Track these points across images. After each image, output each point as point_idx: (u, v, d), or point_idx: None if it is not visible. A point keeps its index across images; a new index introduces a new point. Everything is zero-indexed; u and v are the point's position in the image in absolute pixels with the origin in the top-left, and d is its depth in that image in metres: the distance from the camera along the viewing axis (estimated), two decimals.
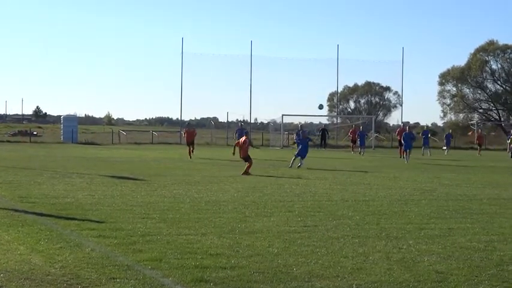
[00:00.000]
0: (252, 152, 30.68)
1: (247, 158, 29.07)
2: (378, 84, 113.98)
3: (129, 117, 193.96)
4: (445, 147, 59.21)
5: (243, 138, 30.40)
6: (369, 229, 13.53)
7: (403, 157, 42.41)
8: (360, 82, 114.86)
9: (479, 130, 67.94)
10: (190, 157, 39.47)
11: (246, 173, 28.05)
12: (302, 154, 32.96)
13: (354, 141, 56.69)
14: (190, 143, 40.89)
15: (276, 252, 10.90)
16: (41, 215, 14.63)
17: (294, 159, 33.02)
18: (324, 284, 8.91)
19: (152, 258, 10.16)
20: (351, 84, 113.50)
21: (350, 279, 9.16)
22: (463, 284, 9.07)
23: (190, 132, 41.81)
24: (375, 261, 10.38)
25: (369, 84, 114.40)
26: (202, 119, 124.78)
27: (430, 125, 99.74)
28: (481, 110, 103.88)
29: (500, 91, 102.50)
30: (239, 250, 11.03)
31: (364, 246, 11.62)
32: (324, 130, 68.72)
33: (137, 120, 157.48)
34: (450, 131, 67.68)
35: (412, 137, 41.19)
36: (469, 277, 9.45)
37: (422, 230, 13.57)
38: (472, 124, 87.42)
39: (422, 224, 14.34)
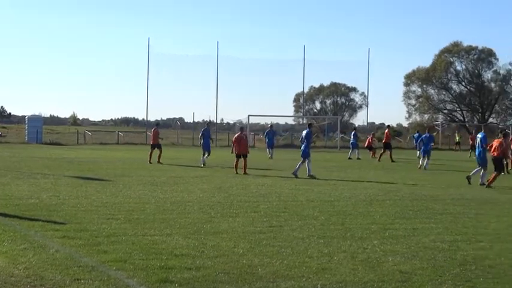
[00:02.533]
0: (217, 153, 30.66)
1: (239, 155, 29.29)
2: (344, 84, 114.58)
3: (95, 117, 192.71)
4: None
5: (238, 134, 30.89)
6: (334, 229, 13.58)
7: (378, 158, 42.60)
8: (326, 83, 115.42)
9: (474, 132, 67.94)
10: (158, 161, 35.96)
11: (245, 172, 28.74)
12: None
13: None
14: (155, 145, 37.26)
15: (241, 253, 10.91)
16: (5, 215, 14.51)
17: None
18: (289, 284, 8.93)
19: (117, 259, 10.13)
20: (317, 85, 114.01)
21: (315, 280, 9.19)
22: (427, 283, 9.15)
23: (154, 133, 38.22)
24: (340, 261, 10.42)
25: (335, 85, 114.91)
26: (168, 119, 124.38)
27: (395, 126, 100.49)
28: (445, 111, 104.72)
29: (464, 92, 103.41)
30: (204, 251, 11.03)
31: (329, 247, 11.66)
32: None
33: (103, 120, 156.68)
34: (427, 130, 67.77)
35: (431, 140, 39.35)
36: (433, 277, 9.53)
37: (386, 230, 13.65)
38: (436, 125, 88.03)
39: (387, 224, 14.43)
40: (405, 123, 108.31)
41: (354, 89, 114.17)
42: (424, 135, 38.48)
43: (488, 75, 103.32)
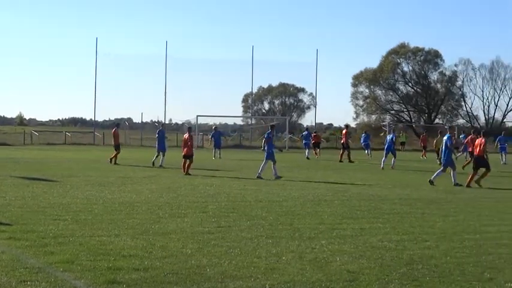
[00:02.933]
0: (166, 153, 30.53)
1: (187, 156, 29.22)
2: (293, 85, 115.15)
3: (42, 117, 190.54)
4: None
5: (186, 135, 30.66)
6: (282, 229, 13.63)
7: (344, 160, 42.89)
8: (275, 83, 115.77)
9: (424, 132, 68.44)
10: (111, 161, 35.51)
11: (187, 173, 28.64)
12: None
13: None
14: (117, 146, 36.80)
15: (189, 253, 10.90)
16: None
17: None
18: (237, 285, 8.95)
19: (64, 260, 10.05)
20: (265, 85, 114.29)
21: (263, 280, 9.22)
22: (374, 283, 9.23)
23: (115, 134, 37.67)
24: (288, 262, 10.47)
25: (283, 86, 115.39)
26: (117, 119, 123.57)
27: (343, 126, 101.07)
28: (392, 112, 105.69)
29: (411, 93, 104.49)
30: (152, 251, 10.99)
31: (277, 247, 11.70)
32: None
33: (50, 120, 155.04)
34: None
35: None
36: (380, 276, 9.62)
37: (334, 230, 13.74)
38: (383, 125, 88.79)
39: (335, 224, 14.52)
40: (353, 124, 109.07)
41: (302, 90, 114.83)
42: (390, 136, 39.19)
43: (435, 76, 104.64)
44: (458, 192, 22.77)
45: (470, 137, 38.04)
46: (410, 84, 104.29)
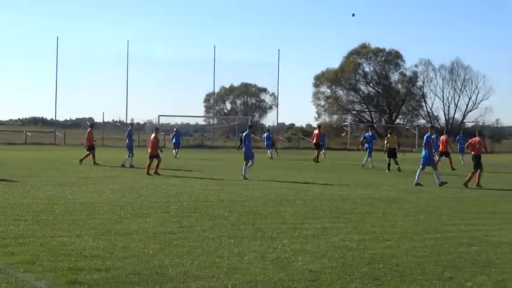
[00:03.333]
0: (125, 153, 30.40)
1: (153, 156, 29.14)
2: (255, 85, 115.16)
3: (2, 117, 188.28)
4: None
5: (153, 135, 30.57)
6: (244, 229, 13.65)
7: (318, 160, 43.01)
8: (237, 83, 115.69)
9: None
10: (95, 162, 35.00)
11: (156, 172, 28.56)
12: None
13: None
14: (91, 147, 36.50)
15: (151, 254, 10.87)
16: None
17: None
18: (199, 285, 8.94)
19: (25, 261, 9.97)
20: (227, 85, 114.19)
21: (225, 280, 9.23)
22: (336, 282, 9.27)
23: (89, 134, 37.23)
24: (250, 261, 10.48)
25: (245, 86, 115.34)
26: (78, 119, 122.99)
27: (304, 126, 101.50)
28: (354, 112, 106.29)
29: (372, 93, 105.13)
30: (114, 252, 10.95)
31: (239, 247, 11.71)
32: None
33: (10, 120, 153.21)
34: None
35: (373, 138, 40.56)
36: (342, 275, 9.67)
37: (296, 229, 13.78)
38: (345, 125, 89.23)
39: (297, 224, 14.56)
40: (314, 124, 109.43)
41: (264, 90, 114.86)
42: (367, 134, 39.61)
43: (395, 77, 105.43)
44: (419, 192, 22.93)
45: (443, 137, 38.91)
46: (371, 84, 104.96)
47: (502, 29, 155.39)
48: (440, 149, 38.05)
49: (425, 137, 27.47)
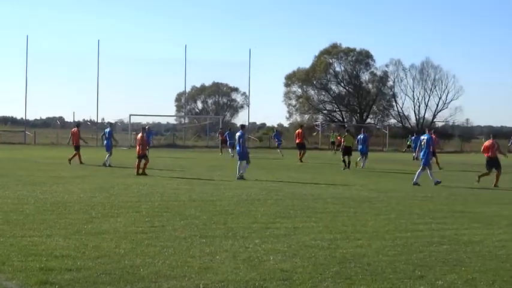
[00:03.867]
0: (97, 152, 30.26)
1: (141, 156, 29.13)
2: (226, 84, 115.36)
3: None
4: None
5: (140, 135, 30.46)
6: (216, 229, 13.64)
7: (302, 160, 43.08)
8: (208, 82, 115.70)
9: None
10: (70, 162, 35.07)
11: (144, 172, 28.47)
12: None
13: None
14: (78, 146, 36.98)
15: (122, 253, 10.84)
16: None
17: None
18: (171, 284, 8.93)
19: None
20: (198, 85, 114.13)
21: (197, 279, 9.22)
22: (307, 281, 9.29)
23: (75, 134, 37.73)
24: (222, 261, 10.48)
25: (216, 85, 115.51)
26: (48, 118, 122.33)
27: (276, 126, 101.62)
28: (325, 111, 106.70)
29: (343, 93, 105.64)
30: (85, 251, 10.90)
31: (211, 246, 11.71)
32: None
33: None
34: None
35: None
36: (314, 275, 9.69)
37: (268, 229, 13.79)
38: (316, 125, 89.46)
39: (268, 224, 14.57)
40: (286, 123, 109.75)
41: (236, 89, 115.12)
42: (360, 136, 39.90)
43: (366, 77, 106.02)
44: (390, 191, 23.04)
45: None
46: (342, 84, 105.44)
47: (472, 29, 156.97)
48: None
49: (426, 138, 27.41)
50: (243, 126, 30.77)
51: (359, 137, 40.17)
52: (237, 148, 29.16)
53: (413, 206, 18.89)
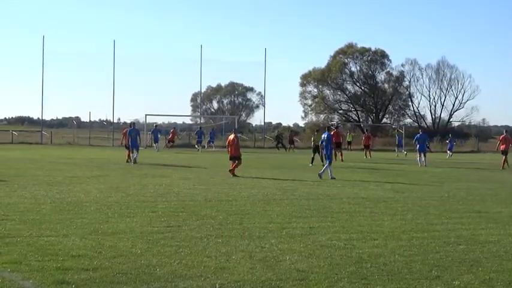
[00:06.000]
0: (114, 152, 30.28)
1: (237, 157, 29.21)
2: (241, 84, 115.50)
3: None
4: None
5: (232, 136, 30.29)
6: (232, 229, 13.64)
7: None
8: (224, 82, 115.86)
9: (367, 131, 69.80)
10: (128, 161, 37.26)
11: (233, 172, 28.50)
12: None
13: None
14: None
15: (139, 253, 10.86)
16: None
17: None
18: (187, 284, 8.94)
19: (12, 261, 9.94)
20: (214, 85, 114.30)
21: (213, 279, 9.22)
22: (323, 281, 9.28)
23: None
24: (238, 261, 10.48)
25: (232, 85, 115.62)
26: (64, 118, 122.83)
27: (292, 126, 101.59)
28: (341, 111, 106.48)
29: (359, 93, 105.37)
30: (102, 251, 10.93)
31: (227, 246, 11.71)
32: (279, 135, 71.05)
33: None
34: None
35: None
36: (329, 275, 9.67)
37: (284, 229, 13.78)
38: (332, 125, 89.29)
39: (284, 223, 14.56)
40: (301, 123, 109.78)
41: (251, 89, 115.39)
42: (418, 135, 42.12)
43: (382, 76, 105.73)
44: (406, 191, 22.95)
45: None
46: (358, 84, 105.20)
47: (488, 28, 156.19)
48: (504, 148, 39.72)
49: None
50: (329, 127, 31.51)
51: (417, 136, 41.53)
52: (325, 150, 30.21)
53: (429, 206, 18.82)
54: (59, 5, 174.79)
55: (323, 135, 29.88)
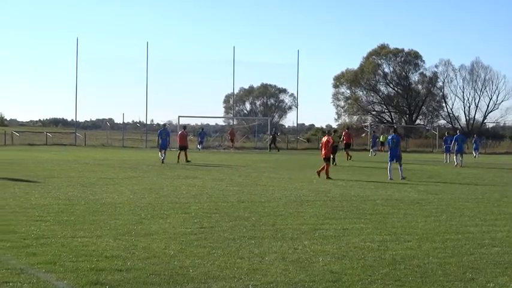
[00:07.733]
0: (147, 154, 30.41)
1: (328, 159, 29.52)
2: (274, 86, 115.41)
3: (23, 118, 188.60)
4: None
5: (326, 138, 30.53)
6: (264, 230, 13.63)
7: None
8: (256, 84, 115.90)
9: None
10: (186, 160, 39.31)
11: (319, 174, 28.98)
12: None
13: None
14: (182, 148, 40.48)
15: (172, 254, 10.88)
16: None
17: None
18: (220, 285, 8.94)
19: (46, 261, 10.01)
20: (246, 86, 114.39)
21: (246, 280, 9.22)
22: (356, 283, 9.24)
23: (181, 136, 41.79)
24: (271, 262, 10.47)
25: (265, 86, 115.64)
26: (98, 120, 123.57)
27: (324, 127, 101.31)
28: (374, 112, 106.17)
29: (392, 94, 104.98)
30: (135, 252, 10.97)
31: (260, 247, 11.70)
32: (274, 133, 70.74)
33: (31, 121, 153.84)
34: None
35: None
36: (363, 276, 9.63)
37: (317, 230, 13.75)
38: (365, 126, 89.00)
39: (317, 225, 14.53)
40: (334, 125, 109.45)
41: (284, 91, 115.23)
42: (457, 136, 42.95)
43: (415, 77, 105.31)
44: (440, 193, 22.81)
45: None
46: (391, 85, 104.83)
47: None
48: None
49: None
50: (395, 129, 31.72)
51: (455, 137, 42.04)
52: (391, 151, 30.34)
53: (463, 207, 18.69)
54: (93, 8, 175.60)
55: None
